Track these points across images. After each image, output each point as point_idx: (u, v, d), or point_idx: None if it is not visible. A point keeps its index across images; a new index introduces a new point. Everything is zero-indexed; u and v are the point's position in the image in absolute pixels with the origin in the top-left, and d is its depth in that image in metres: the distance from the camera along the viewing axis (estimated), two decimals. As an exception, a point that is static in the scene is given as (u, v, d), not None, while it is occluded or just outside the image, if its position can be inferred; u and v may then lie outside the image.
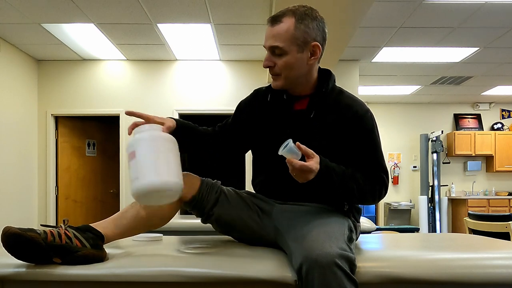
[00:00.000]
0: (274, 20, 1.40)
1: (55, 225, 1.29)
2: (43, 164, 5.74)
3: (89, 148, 6.29)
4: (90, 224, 1.32)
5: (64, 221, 1.28)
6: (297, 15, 1.39)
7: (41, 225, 1.35)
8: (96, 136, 6.40)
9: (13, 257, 1.25)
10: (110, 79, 5.80)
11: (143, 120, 1.40)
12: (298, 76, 1.45)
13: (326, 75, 1.52)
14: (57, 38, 4.91)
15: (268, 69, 1.46)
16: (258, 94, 1.63)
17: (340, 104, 1.46)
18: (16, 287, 1.25)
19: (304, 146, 1.29)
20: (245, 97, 1.69)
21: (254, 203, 1.55)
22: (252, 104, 1.62)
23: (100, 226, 1.33)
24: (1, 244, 1.17)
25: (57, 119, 5.86)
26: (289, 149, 1.27)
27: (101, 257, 1.27)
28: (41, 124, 5.75)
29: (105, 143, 6.48)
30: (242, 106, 1.66)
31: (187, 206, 1.49)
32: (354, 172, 1.41)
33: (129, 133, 1.36)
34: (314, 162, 1.29)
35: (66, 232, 1.23)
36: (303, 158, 1.30)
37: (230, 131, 1.64)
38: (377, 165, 1.45)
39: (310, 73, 1.47)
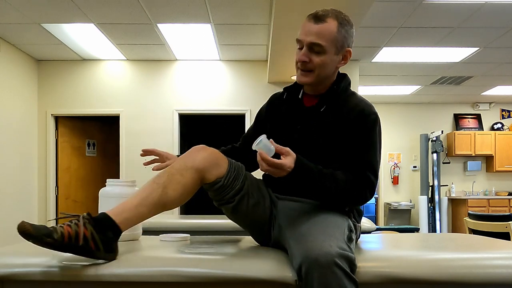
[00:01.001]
0: (318, 18, 1.44)
1: (74, 214, 1.25)
2: (43, 164, 5.74)
3: (89, 148, 6.30)
4: (110, 214, 1.26)
5: (87, 213, 1.24)
6: (339, 19, 1.47)
7: (61, 213, 1.33)
8: (96, 136, 6.40)
9: (13, 257, 1.26)
10: (110, 79, 5.80)
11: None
12: (327, 76, 1.52)
13: (341, 77, 1.58)
14: (57, 38, 4.91)
15: (298, 63, 1.49)
16: (274, 98, 1.72)
17: (349, 104, 1.51)
18: (16, 287, 1.25)
19: (278, 145, 1.33)
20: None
21: (269, 197, 1.57)
22: (269, 107, 1.70)
23: (122, 216, 1.27)
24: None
25: (57, 119, 5.86)
26: (262, 145, 1.30)
27: (112, 259, 1.26)
28: (41, 124, 5.75)
29: (105, 143, 6.48)
30: (261, 111, 1.75)
31: (208, 187, 1.44)
32: (335, 172, 1.40)
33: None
34: (288, 161, 1.32)
35: (85, 232, 1.19)
36: (277, 156, 1.32)
37: (252, 138, 1.67)
38: (366, 164, 1.43)
39: (334, 74, 1.55)
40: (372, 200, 9.82)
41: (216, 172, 1.41)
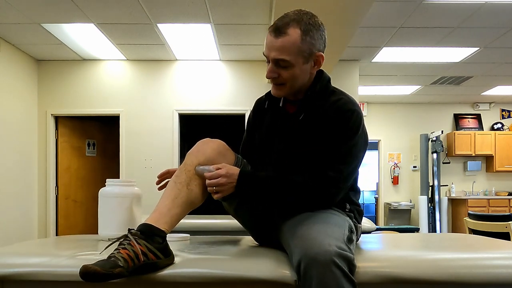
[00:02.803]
0: (279, 31, 1.36)
1: (117, 238, 1.22)
2: (43, 164, 5.74)
3: (89, 148, 6.30)
4: (151, 223, 1.25)
5: (129, 229, 1.23)
6: (302, 25, 1.36)
7: (109, 239, 1.29)
8: (96, 136, 6.40)
9: (13, 257, 1.25)
10: (110, 79, 5.80)
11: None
12: (301, 85, 1.47)
13: (317, 79, 1.50)
14: (57, 38, 4.91)
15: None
16: (259, 104, 1.68)
17: (327, 103, 1.45)
18: (16, 287, 1.25)
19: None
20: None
21: None
22: (255, 113, 1.67)
23: (160, 222, 1.26)
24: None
25: (57, 119, 5.86)
26: (200, 169, 1.36)
27: (173, 262, 1.26)
28: (41, 124, 5.75)
29: (105, 143, 6.48)
30: (249, 119, 1.72)
31: None
32: (291, 176, 1.39)
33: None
34: (224, 169, 1.37)
35: (141, 248, 1.17)
36: None
37: (249, 146, 1.68)
38: (331, 161, 1.38)
39: (310, 79, 1.48)
40: (372, 200, 9.86)
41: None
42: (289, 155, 1.47)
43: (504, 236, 3.08)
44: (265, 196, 1.41)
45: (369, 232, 2.46)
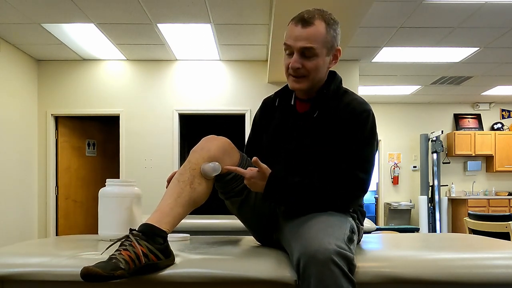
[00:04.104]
0: (306, 22, 1.40)
1: (119, 238, 1.22)
2: (43, 164, 5.74)
3: (89, 148, 6.30)
4: (153, 223, 1.24)
5: (130, 229, 1.23)
6: (326, 19, 1.42)
7: (110, 240, 1.29)
8: (96, 136, 6.40)
9: (13, 257, 1.26)
10: (110, 79, 5.80)
11: None
12: (320, 79, 1.48)
13: (330, 78, 1.53)
14: (57, 38, 4.91)
15: (290, 70, 1.44)
16: (267, 103, 1.68)
17: (340, 104, 1.47)
18: (16, 287, 1.25)
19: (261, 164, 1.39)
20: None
21: None
22: (262, 115, 1.67)
23: (162, 222, 1.26)
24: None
25: (57, 119, 5.86)
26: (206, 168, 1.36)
27: (174, 263, 1.26)
28: (41, 124, 5.75)
29: (105, 143, 6.48)
30: (255, 118, 1.72)
31: (219, 177, 1.43)
32: (317, 180, 1.39)
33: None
34: (250, 172, 1.39)
35: (142, 249, 1.17)
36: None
37: (254, 146, 1.68)
38: (356, 162, 1.40)
39: (325, 76, 1.51)
40: (372, 200, 9.85)
41: (229, 162, 1.42)
42: (300, 154, 1.47)
43: (504, 236, 3.07)
44: (294, 201, 1.41)
45: (369, 232, 2.45)
